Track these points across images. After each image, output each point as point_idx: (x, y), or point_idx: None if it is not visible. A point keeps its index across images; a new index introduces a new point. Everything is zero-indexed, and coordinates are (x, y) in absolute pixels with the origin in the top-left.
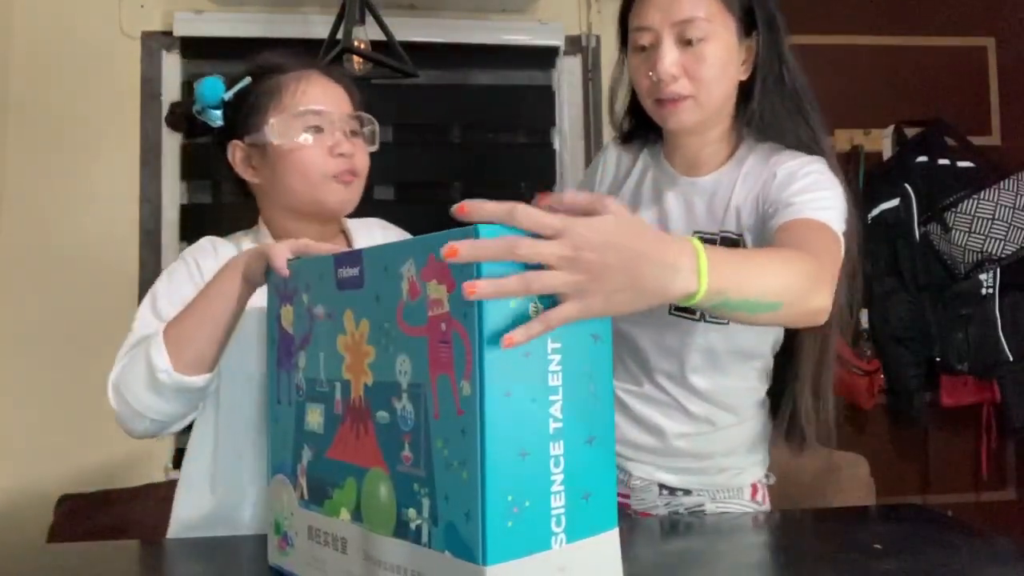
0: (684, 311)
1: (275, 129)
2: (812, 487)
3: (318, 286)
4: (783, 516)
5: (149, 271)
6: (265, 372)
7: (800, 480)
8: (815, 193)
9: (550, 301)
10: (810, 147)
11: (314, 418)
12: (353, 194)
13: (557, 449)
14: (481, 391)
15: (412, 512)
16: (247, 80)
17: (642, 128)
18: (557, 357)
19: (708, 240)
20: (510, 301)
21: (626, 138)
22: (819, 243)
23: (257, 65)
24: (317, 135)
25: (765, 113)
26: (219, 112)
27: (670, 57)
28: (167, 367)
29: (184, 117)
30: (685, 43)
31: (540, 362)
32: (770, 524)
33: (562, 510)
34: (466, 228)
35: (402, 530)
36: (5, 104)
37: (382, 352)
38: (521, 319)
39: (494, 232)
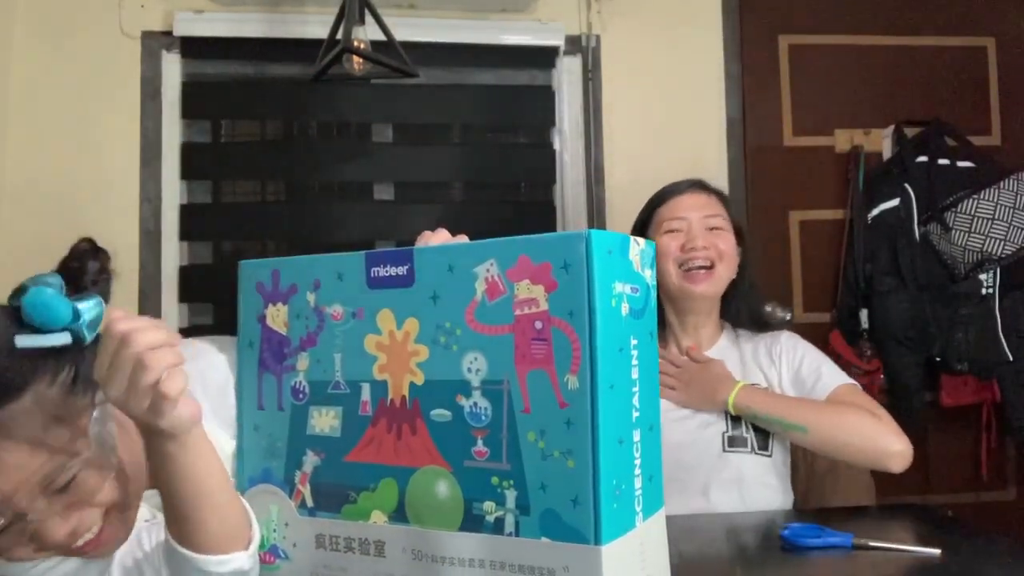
0: (737, 448)
1: None
2: (812, 487)
3: (334, 285)
4: (784, 516)
5: (149, 271)
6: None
7: (801, 480)
8: (823, 365)
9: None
10: (768, 323)
11: (325, 422)
12: None
13: (637, 436)
14: (593, 385)
15: (490, 505)
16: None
17: None
18: (636, 352)
19: None
20: (610, 300)
21: None
22: (861, 400)
23: None
24: None
25: (747, 302)
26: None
27: (703, 234)
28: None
29: None
30: (710, 231)
31: (627, 356)
32: (770, 523)
33: (640, 491)
34: (570, 234)
35: (473, 524)
36: (5, 103)
37: (441, 351)
38: (617, 317)
39: (606, 237)
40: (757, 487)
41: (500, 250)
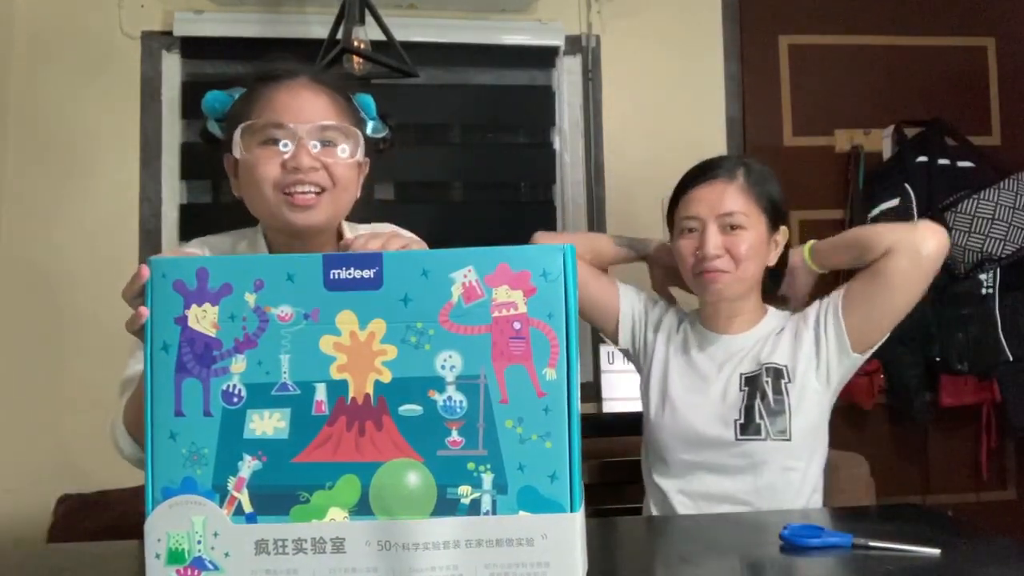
0: (750, 436)
1: (237, 142)
2: None
3: (283, 286)
4: (783, 516)
5: None
6: None
7: None
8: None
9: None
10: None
11: (268, 424)
12: (316, 212)
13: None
14: (570, 375)
15: (465, 488)
16: (240, 91)
17: None
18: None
19: (752, 375)
20: (574, 303)
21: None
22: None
23: (251, 75)
24: (276, 147)
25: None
26: (223, 124)
27: (715, 239)
28: (131, 452)
29: (206, 131)
30: (726, 229)
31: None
32: (770, 524)
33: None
34: (550, 247)
35: (447, 508)
36: (5, 104)
37: (411, 349)
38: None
39: (573, 251)
40: (776, 471)
41: (478, 258)
